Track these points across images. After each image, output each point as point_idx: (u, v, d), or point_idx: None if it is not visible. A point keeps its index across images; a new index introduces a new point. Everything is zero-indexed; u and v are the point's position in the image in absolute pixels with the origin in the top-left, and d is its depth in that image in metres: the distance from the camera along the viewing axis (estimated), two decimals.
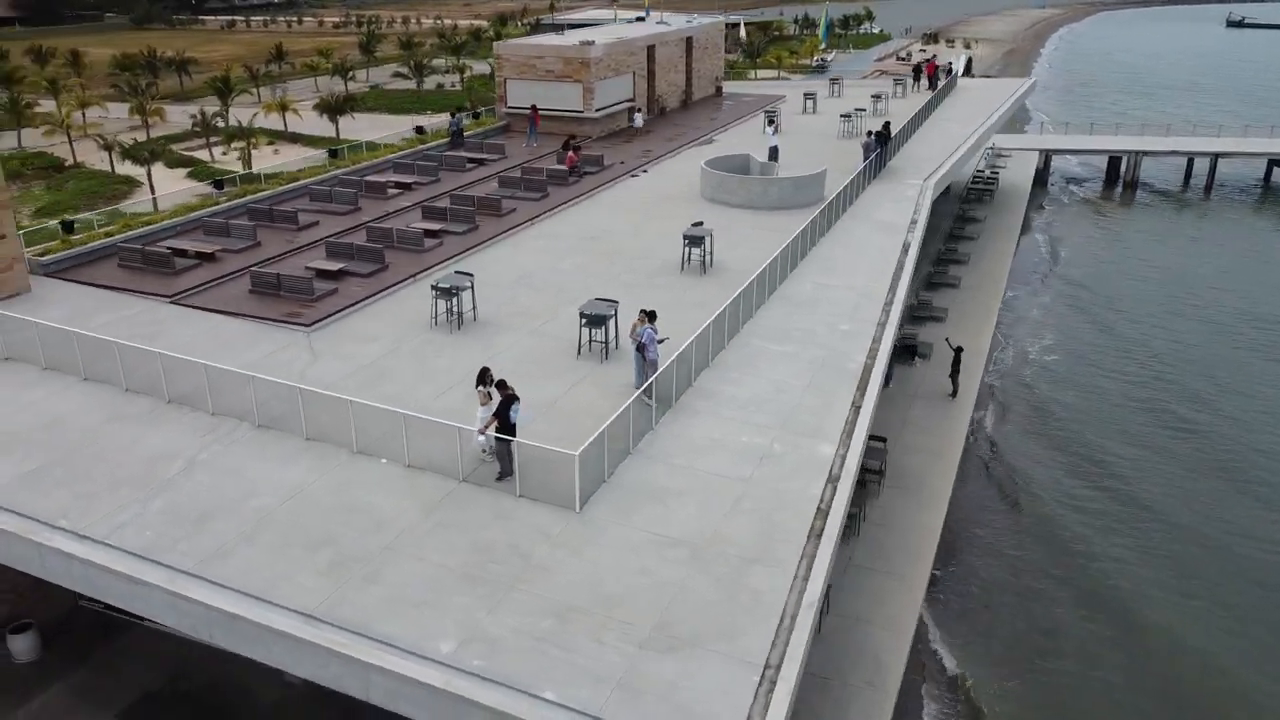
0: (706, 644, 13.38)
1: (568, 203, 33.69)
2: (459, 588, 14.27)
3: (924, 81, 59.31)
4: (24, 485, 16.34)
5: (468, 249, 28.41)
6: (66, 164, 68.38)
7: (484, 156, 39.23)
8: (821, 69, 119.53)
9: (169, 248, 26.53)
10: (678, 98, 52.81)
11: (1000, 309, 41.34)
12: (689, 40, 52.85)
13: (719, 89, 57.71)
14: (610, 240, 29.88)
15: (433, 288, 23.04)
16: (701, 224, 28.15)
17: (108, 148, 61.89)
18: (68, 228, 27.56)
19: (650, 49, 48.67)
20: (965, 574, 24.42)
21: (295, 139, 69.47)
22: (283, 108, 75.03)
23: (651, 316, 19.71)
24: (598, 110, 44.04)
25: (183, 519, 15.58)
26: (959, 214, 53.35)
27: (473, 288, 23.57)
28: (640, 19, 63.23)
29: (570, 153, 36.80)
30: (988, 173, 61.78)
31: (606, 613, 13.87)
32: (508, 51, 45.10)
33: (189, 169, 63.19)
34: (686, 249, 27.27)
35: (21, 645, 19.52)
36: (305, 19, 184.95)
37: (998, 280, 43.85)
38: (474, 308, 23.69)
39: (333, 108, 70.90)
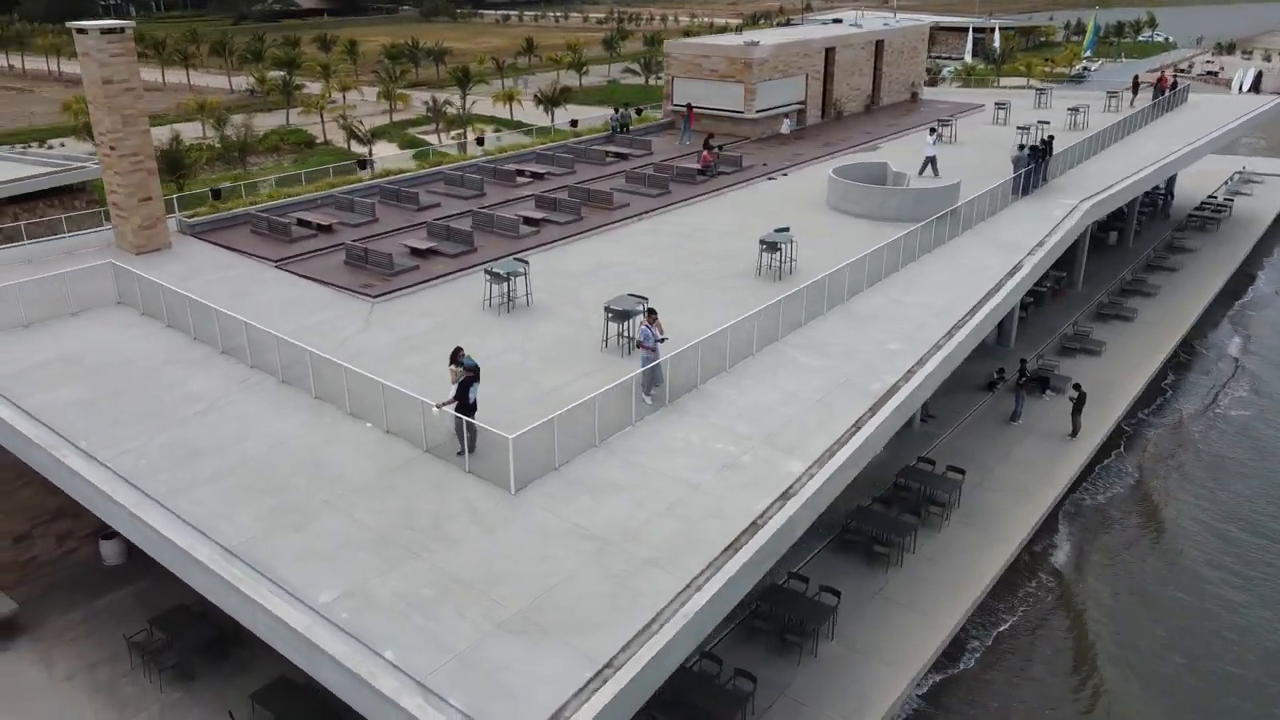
0: (561, 634, 13.64)
1: (685, 201, 34.03)
2: (367, 547, 15.30)
3: (1147, 94, 54.25)
4: (73, 409, 19.06)
5: (561, 239, 29.50)
6: (317, 141, 76.08)
7: (629, 152, 40.22)
8: (1080, 79, 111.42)
9: (297, 219, 29.51)
10: (861, 102, 51.44)
11: (1180, 350, 37.64)
12: (879, 43, 51.31)
13: (915, 95, 55.58)
14: (705, 240, 29.98)
15: (486, 272, 24.28)
16: (786, 230, 27.68)
17: (345, 128, 68.46)
18: (216, 194, 31.42)
19: (829, 51, 47.76)
20: (1011, 630, 22.81)
21: (516, 126, 73.61)
22: (509, 98, 79.71)
23: (652, 315, 19.89)
24: (758, 112, 43.86)
25: (176, 453, 17.64)
26: (1169, 242, 48.65)
27: (527, 275, 24.60)
28: (836, 20, 61.90)
29: (705, 151, 37.05)
30: (1220, 198, 55.72)
31: (485, 590, 14.44)
32: (677, 50, 45.82)
33: (415, 149, 68.57)
34: (763, 254, 26.98)
35: (109, 550, 22.72)
36: (572, 14, 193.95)
37: (1183, 318, 39.80)
38: (528, 294, 24.72)
39: (549, 99, 74.57)
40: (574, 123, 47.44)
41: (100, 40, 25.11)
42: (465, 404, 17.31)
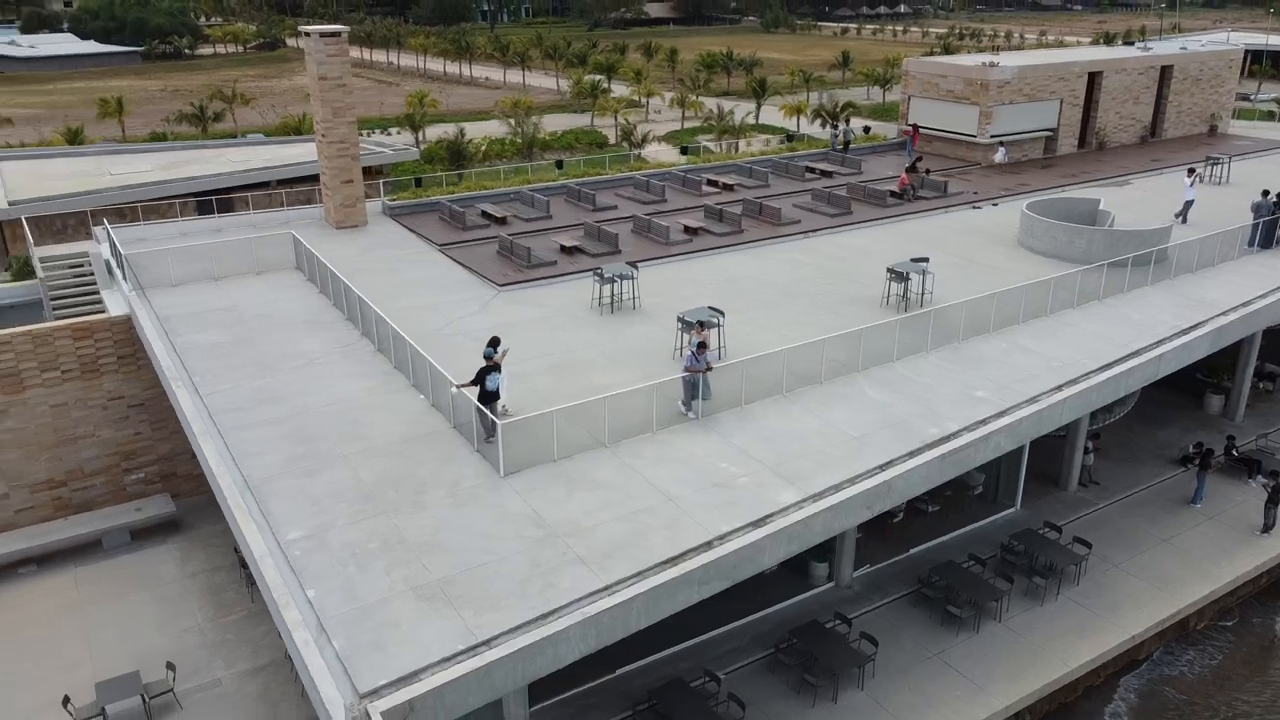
0: (461, 606, 14.61)
1: (862, 223, 33.10)
2: (350, 500, 17.09)
3: None
4: (206, 350, 22.68)
5: (709, 248, 30.00)
6: (608, 142, 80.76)
7: (835, 170, 39.51)
8: None
9: (481, 210, 32.34)
10: (1135, 133, 46.55)
11: None
12: (1164, 69, 46.13)
13: (1213, 128, 49.36)
14: (854, 264, 29.13)
15: (594, 274, 25.46)
16: (924, 260, 26.36)
17: (623, 130, 72.32)
18: (417, 183, 35.04)
19: (1093, 76, 43.75)
20: None
21: (790, 137, 74.04)
22: (797, 111, 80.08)
23: (702, 347, 19.99)
24: (992, 136, 41.21)
25: (256, 397, 20.52)
26: None
27: (634, 280, 25.49)
28: (1138, 45, 55.90)
29: (903, 174, 35.66)
30: None
31: (420, 555, 15.71)
32: (916, 68, 44.08)
33: (686, 150, 70.52)
34: (890, 283, 25.89)
35: None
36: (912, 29, 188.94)
37: None
38: (635, 297, 25.59)
39: (830, 114, 74.05)
40: (789, 136, 47.18)
41: (319, 42, 29.21)
42: (484, 390, 18.62)
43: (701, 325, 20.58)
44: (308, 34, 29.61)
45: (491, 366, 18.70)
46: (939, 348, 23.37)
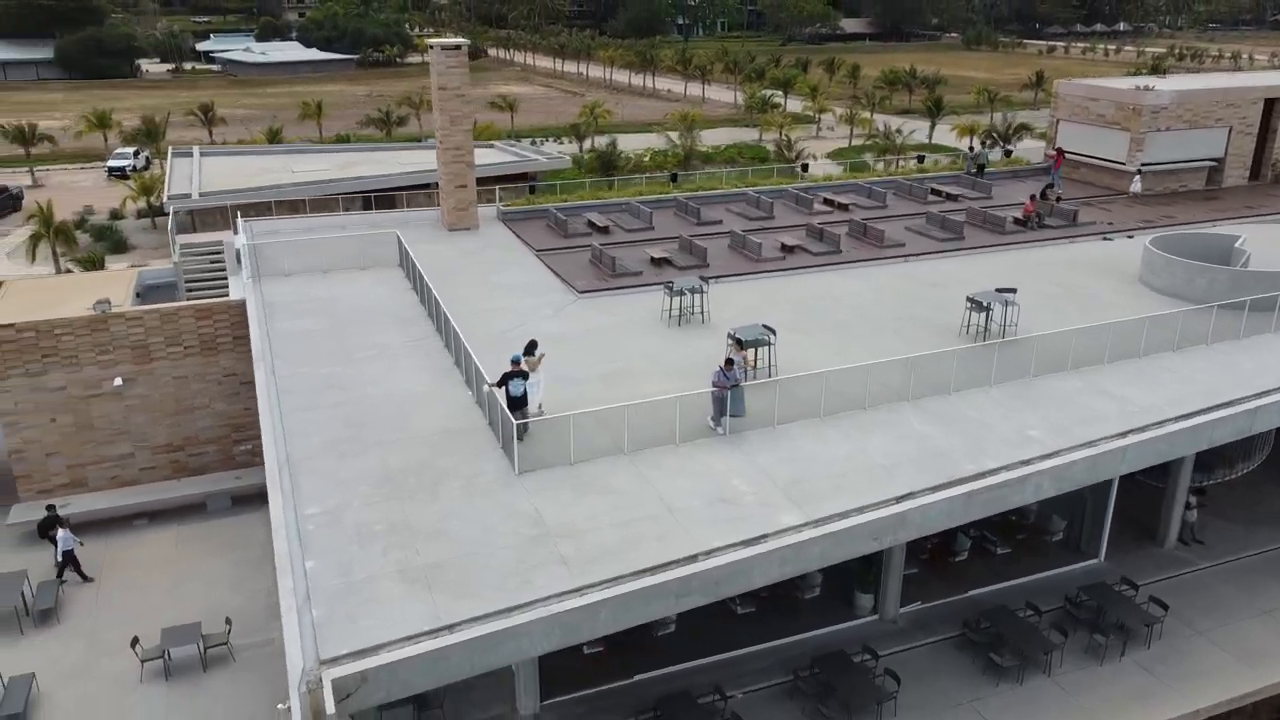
0: (439, 591, 15.40)
1: (970, 249, 31.90)
2: (372, 484, 18.24)
3: None
4: (297, 336, 24.62)
5: (800, 267, 29.79)
6: (770, 157, 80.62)
7: (961, 193, 38.08)
8: None
9: (588, 220, 33.35)
10: None
11: None
12: None
13: None
14: (944, 291, 28.10)
15: (665, 286, 25.83)
16: (1010, 291, 25.21)
17: (781, 145, 72.07)
18: (531, 190, 36.34)
19: (1270, 103, 40.14)
20: None
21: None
22: (970, 131, 77.28)
23: (729, 363, 20.08)
24: (1143, 165, 38.53)
25: (324, 383, 22.14)
26: None
27: (704, 293, 25.71)
28: None
29: (1028, 200, 34.01)
30: None
31: (419, 541, 16.61)
32: (1066, 90, 41.74)
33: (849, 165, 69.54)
34: (969, 313, 24.93)
35: None
36: (1126, 48, 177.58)
37: None
38: (704, 310, 25.80)
39: (1002, 135, 71.10)
40: (920, 158, 45.68)
41: (441, 54, 31.05)
42: (508, 395, 19.41)
43: (740, 343, 20.64)
44: (431, 46, 31.54)
45: (515, 372, 19.44)
46: (1005, 382, 22.37)
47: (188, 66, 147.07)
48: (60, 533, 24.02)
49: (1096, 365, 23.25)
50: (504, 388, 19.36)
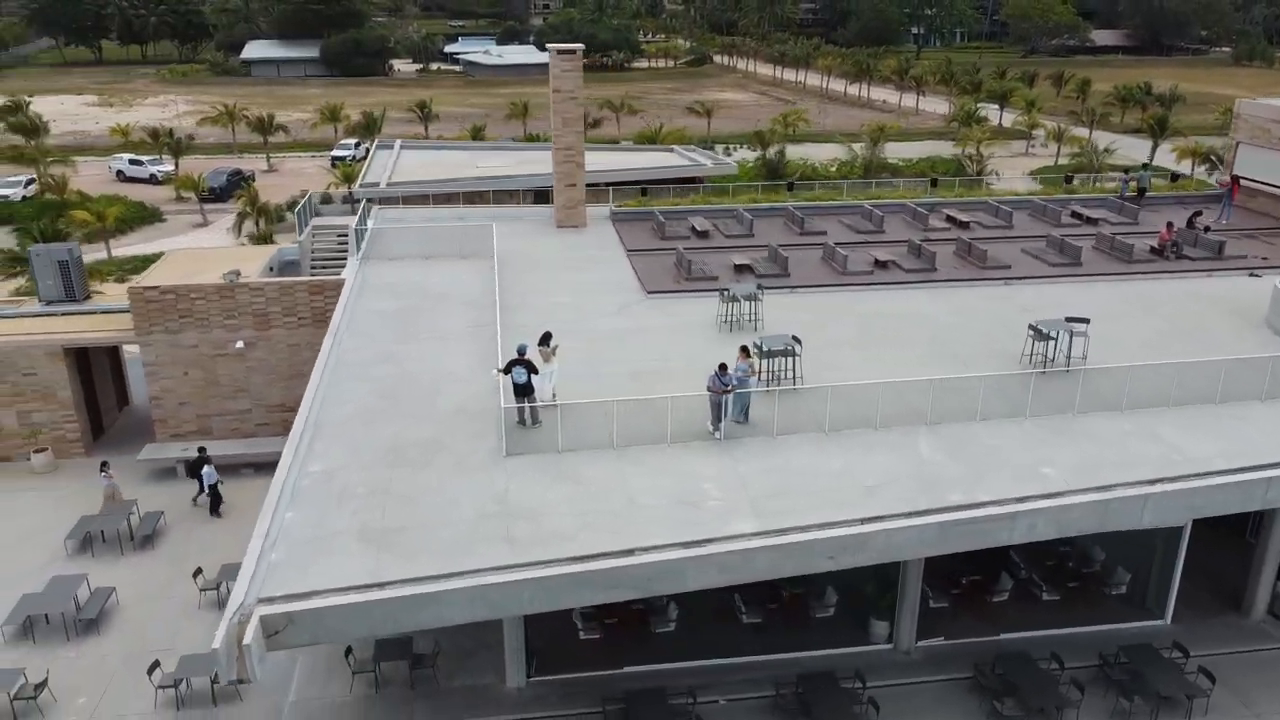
0: (386, 551, 16.61)
1: (1084, 276, 29.79)
2: (377, 451, 19.73)
3: None
4: (375, 315, 26.74)
5: (884, 282, 29.00)
6: (965, 171, 77.39)
7: (1105, 217, 35.32)
8: None
9: (692, 225, 33.84)
10: None
11: None
12: None
13: None
14: (1037, 317, 26.39)
15: (720, 292, 25.99)
16: (1083, 321, 23.53)
17: (964, 160, 69.06)
18: (643, 192, 36.95)
19: None
20: None
21: (1174, 177, 66.09)
22: (1192, 154, 71.24)
23: (723, 367, 20.12)
24: None
25: (377, 356, 23.98)
26: None
27: (760, 301, 25.66)
28: None
29: (1164, 228, 31.21)
30: None
31: (389, 505, 17.91)
32: (1249, 111, 37.61)
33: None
34: (1031, 341, 23.48)
35: None
36: None
37: None
38: (759, 317, 25.75)
39: (1219, 158, 64.91)
40: (1069, 178, 42.40)
41: (557, 58, 32.55)
42: (514, 382, 20.40)
43: (746, 350, 20.63)
44: (549, 50, 33.11)
45: (518, 360, 20.39)
46: (1045, 416, 21.05)
47: (434, 67, 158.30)
48: (205, 469, 27.34)
49: (1159, 408, 21.39)
50: (510, 373, 20.40)
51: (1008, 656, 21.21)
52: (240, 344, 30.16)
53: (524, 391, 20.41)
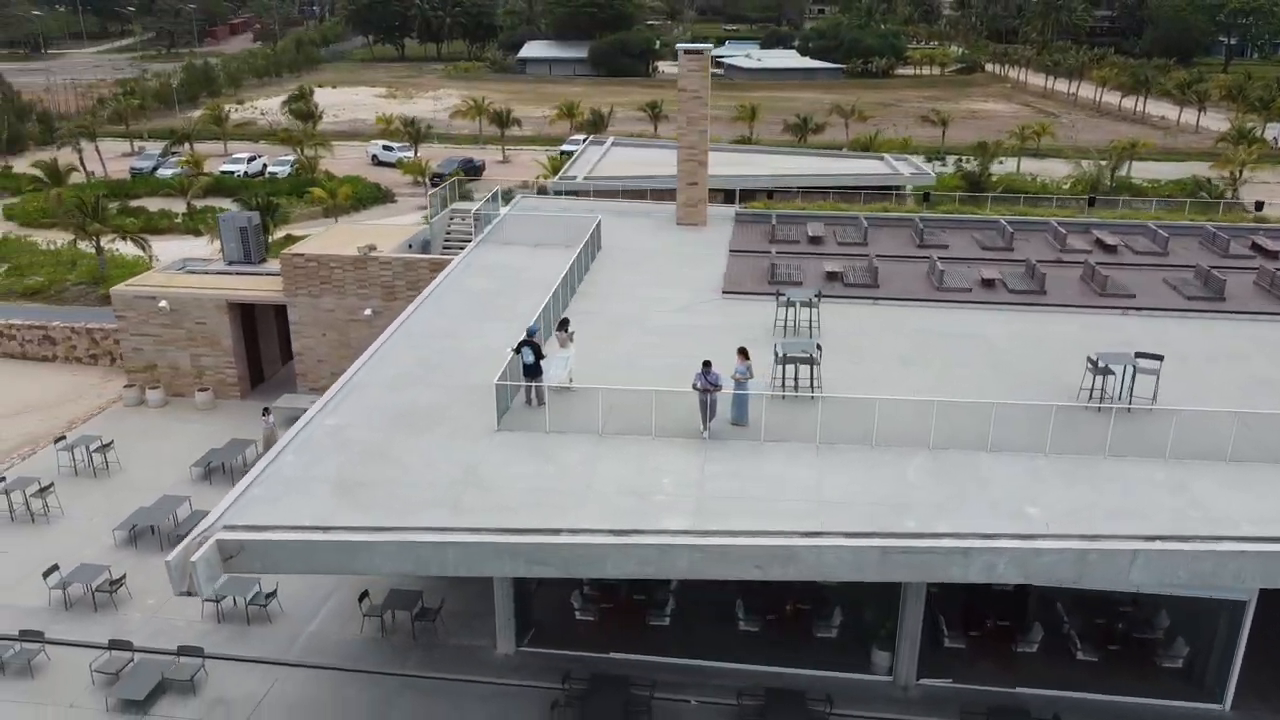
0: (346, 501, 18.05)
1: (1219, 313, 26.46)
2: (390, 414, 21.20)
3: None
4: (464, 293, 28.48)
5: (977, 301, 27.38)
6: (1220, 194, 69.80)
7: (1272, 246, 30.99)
8: None
9: (809, 234, 33.26)
10: None
11: None
12: None
13: None
14: (1129, 349, 23.97)
15: (777, 294, 25.51)
16: (1155, 359, 21.12)
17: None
18: (769, 195, 36.26)
19: None
20: None
21: None
22: None
23: (706, 365, 20.00)
24: None
25: (438, 332, 25.61)
26: None
27: (816, 306, 25.00)
28: None
29: None
30: None
31: (373, 462, 19.39)
32: None
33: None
34: (1090, 375, 21.34)
35: None
36: None
37: None
38: (815, 324, 25.10)
39: None
40: (1259, 205, 36.85)
41: (685, 58, 33.07)
42: (523, 363, 21.32)
43: (708, 363, 20.37)
44: (677, 49, 33.64)
45: (527, 342, 21.28)
46: (1066, 454, 19.25)
47: None
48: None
49: (1210, 461, 18.94)
50: (520, 353, 21.37)
51: (1003, 709, 19.66)
52: (369, 311, 33.15)
53: (531, 372, 21.32)
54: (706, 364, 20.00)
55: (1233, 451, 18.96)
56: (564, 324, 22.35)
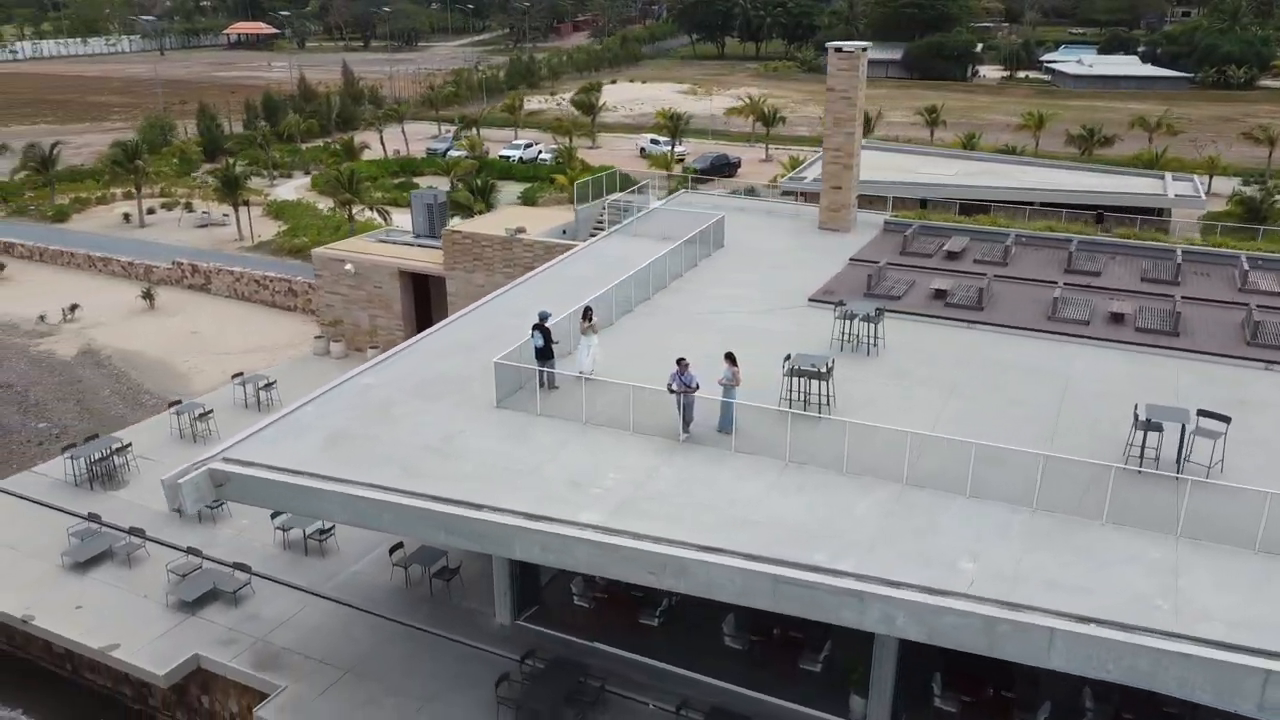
0: (331, 452, 19.73)
1: None
2: (424, 379, 22.71)
3: None
4: (563, 278, 29.37)
5: (1088, 336, 24.15)
6: None
7: None
8: None
9: (945, 244, 30.80)
10: None
11: None
12: None
13: None
14: (1244, 408, 20.19)
15: (839, 305, 24.00)
16: (1220, 420, 17.72)
17: None
18: (922, 205, 33.15)
19: None
20: None
21: None
22: None
23: (681, 363, 19.50)
24: None
25: (511, 310, 26.45)
26: None
27: (878, 322, 23.40)
28: None
29: None
30: None
31: (375, 421, 20.97)
32: None
33: None
34: (1137, 433, 18.26)
35: None
36: None
37: None
38: (875, 339, 23.51)
39: None
40: None
41: (835, 56, 31.65)
42: (535, 345, 21.92)
43: (682, 360, 19.65)
44: (827, 47, 32.26)
45: (538, 326, 21.85)
46: (1053, 513, 16.85)
47: (1021, 75, 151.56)
48: None
49: (1235, 547, 15.77)
50: (533, 336, 22.02)
51: None
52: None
53: (540, 355, 21.90)
54: (680, 362, 19.58)
55: (1262, 542, 15.67)
56: (587, 313, 22.67)
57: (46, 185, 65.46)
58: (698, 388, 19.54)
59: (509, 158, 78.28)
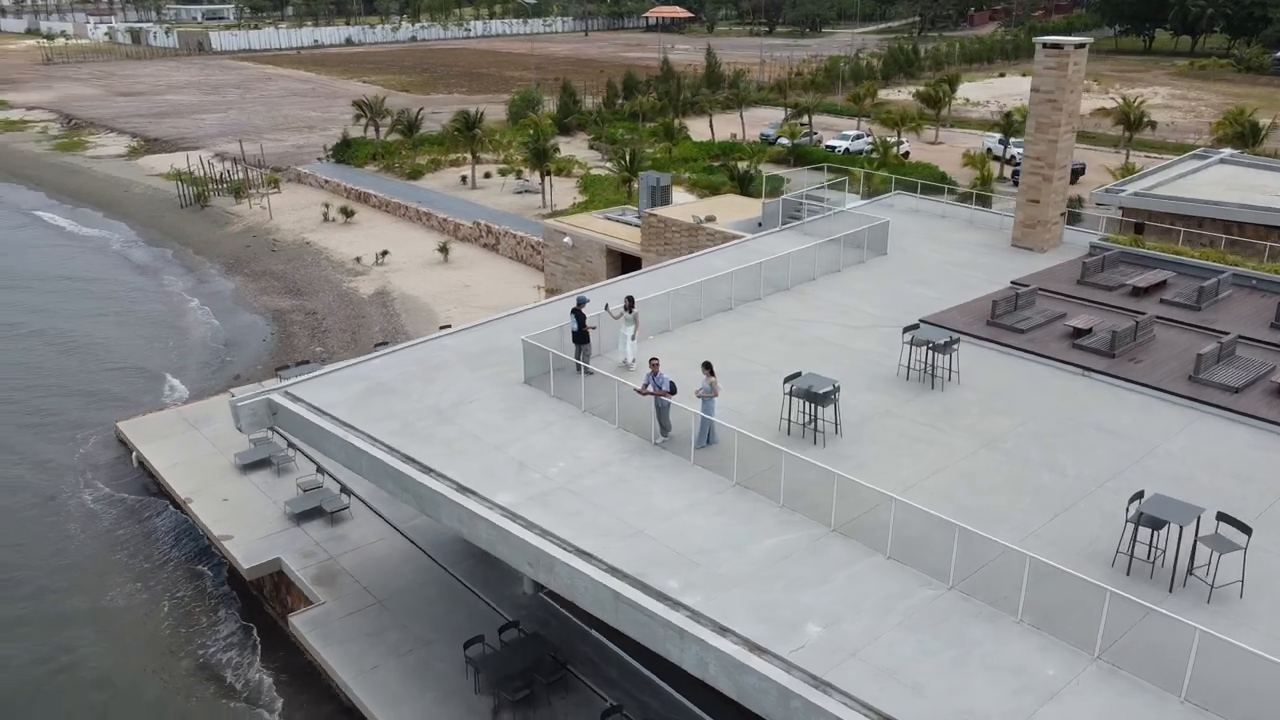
0: (363, 402, 21.66)
1: None
2: (479, 350, 23.96)
3: None
4: (701, 270, 28.95)
5: (1225, 407, 19.43)
6: None
7: None
8: None
9: (1136, 279, 25.88)
10: None
11: None
12: None
13: None
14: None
15: (906, 329, 21.37)
16: (1240, 529, 13.73)
17: None
18: (1138, 229, 26.97)
19: None
20: None
21: None
22: None
23: (654, 363, 18.64)
24: None
25: (616, 295, 26.68)
26: None
27: (950, 352, 20.66)
28: None
29: None
30: None
31: (415, 379, 22.55)
32: None
33: None
34: (1130, 524, 14.61)
35: None
36: None
37: None
38: (948, 369, 20.82)
39: None
40: None
41: (1042, 53, 27.61)
42: (571, 329, 22.17)
43: (654, 360, 18.64)
44: (1035, 42, 28.02)
45: (574, 311, 22.06)
46: (972, 597, 14.23)
47: None
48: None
49: (1163, 694, 12.38)
50: (571, 320, 22.30)
51: None
52: None
53: (575, 339, 22.15)
54: (653, 362, 19.00)
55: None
56: (629, 303, 22.46)
57: (413, 147, 75.31)
58: (673, 390, 18.83)
59: (834, 148, 76.82)
